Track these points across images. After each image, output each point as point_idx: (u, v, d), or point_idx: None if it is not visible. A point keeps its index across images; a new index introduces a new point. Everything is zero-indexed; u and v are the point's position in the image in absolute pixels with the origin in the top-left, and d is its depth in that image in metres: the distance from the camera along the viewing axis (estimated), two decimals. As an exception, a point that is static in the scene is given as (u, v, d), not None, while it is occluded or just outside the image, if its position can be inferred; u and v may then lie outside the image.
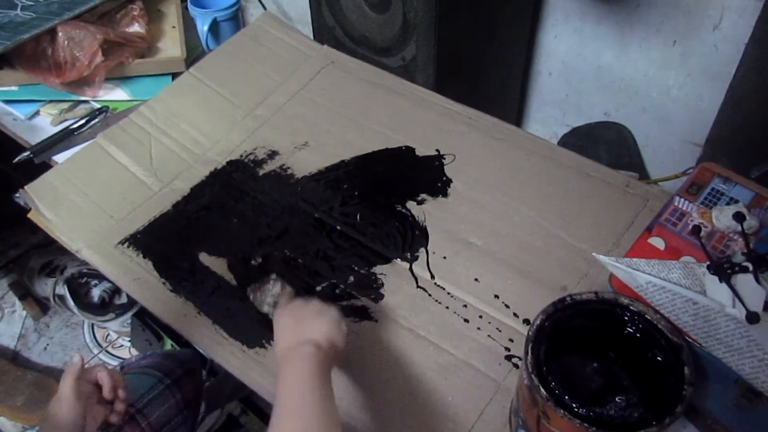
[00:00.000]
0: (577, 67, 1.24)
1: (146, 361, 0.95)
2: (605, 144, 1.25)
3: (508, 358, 0.72)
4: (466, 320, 0.75)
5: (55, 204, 0.89)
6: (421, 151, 0.93)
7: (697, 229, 0.60)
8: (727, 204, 0.65)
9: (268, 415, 1.13)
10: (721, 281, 0.54)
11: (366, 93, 1.01)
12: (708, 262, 0.56)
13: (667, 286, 0.56)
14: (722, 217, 0.63)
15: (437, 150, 0.92)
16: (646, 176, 1.22)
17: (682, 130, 1.15)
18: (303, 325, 0.65)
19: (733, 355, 0.53)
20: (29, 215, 0.91)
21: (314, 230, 0.85)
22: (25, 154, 0.98)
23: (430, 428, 0.67)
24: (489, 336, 0.74)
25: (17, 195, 0.91)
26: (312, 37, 1.14)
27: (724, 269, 0.54)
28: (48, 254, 1.48)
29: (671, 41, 1.08)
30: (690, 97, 1.11)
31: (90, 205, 0.90)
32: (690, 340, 0.56)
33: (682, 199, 0.66)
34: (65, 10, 1.00)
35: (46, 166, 0.96)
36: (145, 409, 0.86)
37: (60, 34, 0.98)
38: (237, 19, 1.17)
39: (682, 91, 1.12)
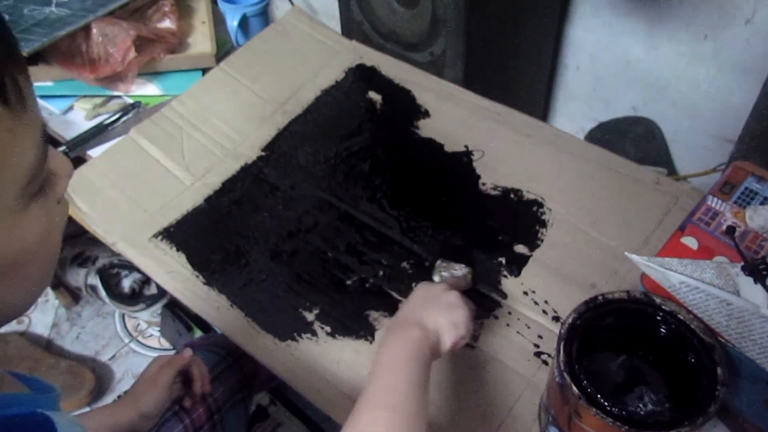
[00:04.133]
0: (605, 61, 1.23)
1: (211, 340, 0.99)
2: (633, 139, 1.24)
3: (537, 354, 0.72)
4: (496, 316, 0.76)
5: (90, 197, 0.91)
6: (450, 147, 0.93)
7: (731, 230, 0.60)
8: (761, 204, 0.64)
9: (296, 405, 1.15)
10: (755, 282, 0.54)
11: (394, 89, 1.01)
12: (742, 263, 0.56)
13: (701, 286, 0.56)
14: (756, 217, 0.62)
15: (466, 146, 0.93)
16: (674, 172, 1.21)
17: (712, 126, 1.14)
18: (425, 308, 0.65)
19: (767, 356, 0.53)
20: (66, 208, 0.93)
21: (343, 225, 0.86)
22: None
23: (460, 423, 0.68)
24: (518, 332, 0.74)
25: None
26: (340, 32, 1.15)
27: (759, 270, 0.54)
28: (80, 245, 1.51)
29: (702, 35, 1.07)
30: (721, 92, 1.10)
31: (124, 199, 0.92)
32: (723, 340, 0.56)
33: (715, 199, 0.66)
34: (99, 7, 1.02)
35: (80, 161, 0.99)
36: (212, 385, 0.88)
37: (94, 30, 1.00)
38: (266, 14, 1.18)
39: (713, 85, 1.11)
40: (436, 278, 0.77)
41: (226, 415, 0.91)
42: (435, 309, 0.65)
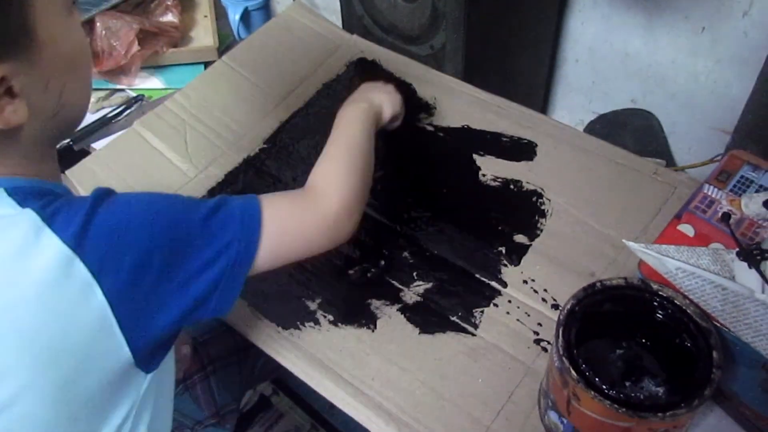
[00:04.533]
0: (604, 53, 1.24)
1: None
2: (632, 131, 1.25)
3: (537, 341, 0.73)
4: (496, 305, 0.77)
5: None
6: (450, 140, 0.94)
7: (726, 216, 0.61)
8: (757, 191, 0.65)
9: (299, 395, 1.16)
10: (750, 267, 0.55)
11: (395, 82, 1.02)
12: (737, 249, 0.58)
13: (697, 272, 0.57)
14: (752, 205, 0.63)
15: (466, 140, 0.94)
16: (672, 163, 1.22)
17: (710, 117, 1.15)
18: (370, 91, 0.84)
19: (762, 340, 0.54)
20: (70, 200, 0.94)
21: (345, 216, 0.87)
22: (65, 141, 1.01)
23: (461, 409, 0.69)
24: (518, 320, 0.75)
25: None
26: (341, 25, 1.16)
27: (753, 256, 0.55)
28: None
29: (700, 28, 1.08)
30: (718, 84, 1.11)
31: (128, 191, 0.92)
32: (719, 325, 0.57)
33: (712, 187, 0.67)
34: (103, 1, 1.03)
35: (84, 153, 1.00)
36: (206, 343, 0.95)
37: (98, 24, 1.01)
38: (267, 8, 1.19)
39: (711, 77, 1.12)
40: None
41: (219, 370, 0.95)
42: (377, 91, 0.85)
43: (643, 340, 0.63)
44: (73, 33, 0.55)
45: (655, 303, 0.60)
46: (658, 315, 0.60)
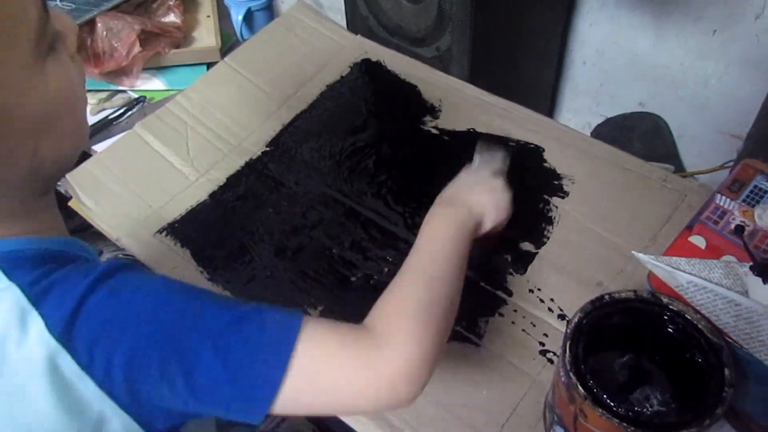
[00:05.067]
0: (612, 55, 1.22)
1: None
2: (640, 134, 1.23)
3: (543, 353, 0.72)
4: (501, 314, 0.75)
5: (95, 192, 0.91)
6: (455, 143, 0.93)
7: (740, 229, 0.60)
8: (770, 202, 0.64)
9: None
10: (764, 282, 0.53)
11: (399, 84, 1.01)
12: (751, 263, 0.56)
13: (709, 286, 0.56)
14: (765, 216, 0.62)
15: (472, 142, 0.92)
16: (681, 168, 1.20)
17: (720, 122, 1.13)
18: (472, 190, 0.70)
19: (776, 358, 0.53)
20: (70, 203, 0.93)
21: (348, 221, 0.86)
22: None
23: (464, 421, 0.68)
24: (523, 330, 0.74)
25: (59, 183, 0.93)
26: (345, 26, 1.14)
27: (767, 270, 0.53)
28: (84, 239, 1.51)
29: (711, 30, 1.06)
30: (729, 88, 1.09)
31: (129, 194, 0.92)
32: (731, 341, 0.56)
33: (724, 197, 0.65)
34: (104, 1, 1.02)
35: (85, 155, 0.98)
36: None
37: (99, 24, 1.00)
38: (271, 8, 1.17)
39: (721, 81, 1.10)
40: (476, 158, 0.78)
41: None
42: (481, 191, 0.70)
43: (653, 355, 0.62)
44: (46, 84, 0.44)
45: (666, 317, 0.58)
46: (668, 329, 0.58)
